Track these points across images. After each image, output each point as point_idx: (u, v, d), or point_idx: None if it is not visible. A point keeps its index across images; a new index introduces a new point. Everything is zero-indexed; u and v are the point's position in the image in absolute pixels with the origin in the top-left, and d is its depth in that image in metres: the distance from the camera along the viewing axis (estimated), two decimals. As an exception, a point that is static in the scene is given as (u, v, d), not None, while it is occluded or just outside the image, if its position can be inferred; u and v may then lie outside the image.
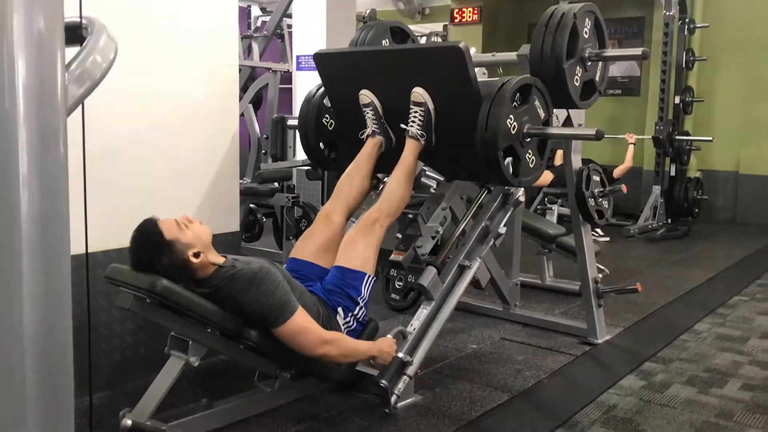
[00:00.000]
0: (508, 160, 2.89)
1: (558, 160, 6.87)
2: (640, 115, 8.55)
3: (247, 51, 7.27)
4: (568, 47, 3.04)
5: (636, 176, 8.05)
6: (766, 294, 4.90)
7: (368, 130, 3.16)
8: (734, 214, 8.25)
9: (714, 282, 5.25)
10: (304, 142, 3.58)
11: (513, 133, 2.84)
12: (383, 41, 3.64)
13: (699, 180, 7.97)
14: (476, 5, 9.47)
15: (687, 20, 7.78)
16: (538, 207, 6.61)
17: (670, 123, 7.43)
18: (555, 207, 6.25)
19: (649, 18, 8.55)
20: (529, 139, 2.93)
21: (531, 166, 2.98)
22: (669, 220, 7.58)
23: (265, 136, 6.64)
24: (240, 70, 5.26)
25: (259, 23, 8.19)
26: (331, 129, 3.53)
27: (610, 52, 3.25)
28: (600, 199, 3.67)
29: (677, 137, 7.53)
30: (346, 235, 2.92)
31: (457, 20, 9.65)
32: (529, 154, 2.96)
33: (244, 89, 6.69)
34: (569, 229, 4.17)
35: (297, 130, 3.95)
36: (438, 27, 10.62)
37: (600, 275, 3.75)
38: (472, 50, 3.80)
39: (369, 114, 3.13)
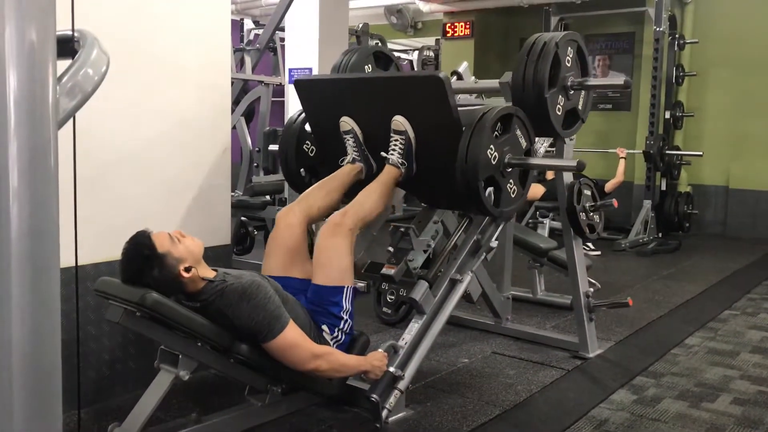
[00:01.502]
0: (489, 189, 2.88)
1: (549, 174, 6.90)
2: (631, 129, 8.60)
3: (240, 64, 7.29)
4: (550, 76, 3.04)
5: (627, 190, 8.08)
6: (756, 308, 4.92)
7: (348, 158, 3.13)
8: (724, 228, 8.30)
9: (705, 296, 5.27)
10: (284, 168, 3.55)
11: (494, 163, 2.83)
12: (366, 66, 3.63)
13: (689, 194, 8.01)
14: (468, 20, 9.54)
15: (677, 36, 7.85)
16: (530, 221, 6.63)
17: (660, 137, 7.47)
18: (546, 221, 6.26)
19: (640, 33, 8.63)
20: (510, 169, 2.92)
21: (512, 196, 2.98)
22: (660, 235, 7.60)
23: (256, 149, 6.65)
24: (232, 83, 5.27)
25: (251, 36, 8.23)
26: (312, 155, 3.51)
27: (592, 81, 3.24)
28: (591, 214, 3.68)
29: (668, 152, 7.57)
30: (315, 247, 2.83)
31: (449, 34, 9.71)
32: (510, 184, 2.95)
33: (236, 102, 6.70)
34: (561, 243, 4.18)
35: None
36: (430, 41, 10.68)
37: (591, 289, 3.76)
38: (463, 65, 3.84)
39: (349, 141, 3.12)
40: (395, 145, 2.97)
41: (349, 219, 2.79)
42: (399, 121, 2.94)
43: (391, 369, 2.75)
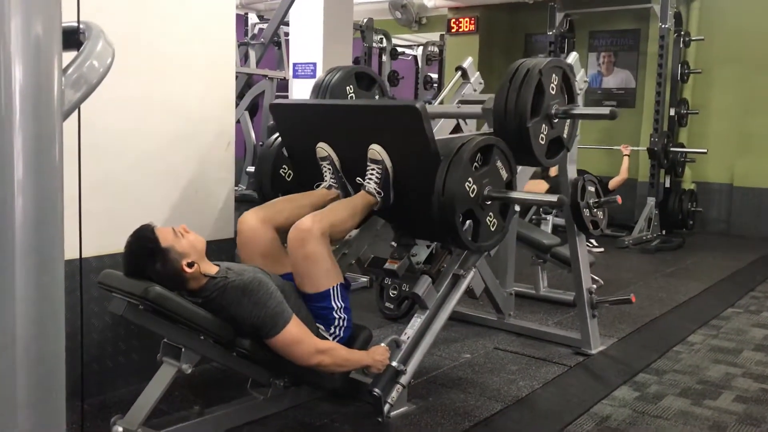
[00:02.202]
0: (468, 222, 2.81)
1: (553, 170, 6.89)
2: (635, 126, 8.58)
3: (244, 58, 7.28)
4: (533, 104, 2.92)
5: (631, 187, 8.07)
6: (759, 306, 4.91)
7: (325, 183, 3.07)
8: (728, 226, 8.28)
9: (708, 294, 5.26)
10: (259, 192, 3.50)
11: (472, 196, 2.76)
12: (348, 87, 3.58)
13: (693, 192, 8.00)
14: (473, 15, 9.52)
15: (682, 33, 7.83)
16: (533, 217, 6.62)
17: (664, 134, 7.46)
18: (550, 217, 6.26)
19: (645, 30, 8.61)
20: (489, 203, 2.85)
21: (492, 229, 2.90)
22: (663, 232, 7.60)
23: (260, 143, 6.65)
24: (237, 77, 5.27)
25: (256, 30, 8.23)
26: (288, 180, 3.47)
27: (577, 110, 3.12)
28: (595, 210, 3.68)
29: (672, 149, 7.56)
30: (290, 258, 2.71)
31: (453, 30, 9.70)
32: (490, 217, 2.88)
33: (240, 96, 6.70)
34: (564, 239, 4.18)
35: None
36: (435, 36, 10.66)
37: (594, 286, 3.75)
38: (468, 61, 3.83)
39: (326, 167, 3.06)
40: (372, 173, 2.90)
41: (318, 223, 2.65)
42: (376, 150, 2.87)
43: (394, 363, 2.76)
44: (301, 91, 5.73)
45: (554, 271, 5.01)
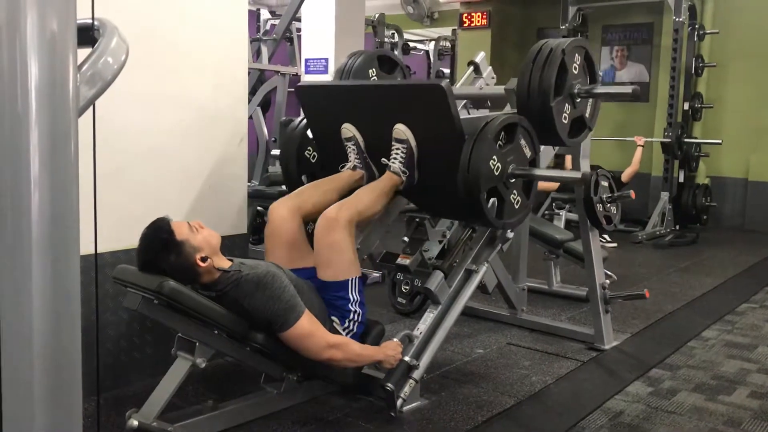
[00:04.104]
0: (492, 200, 2.83)
1: (567, 165, 6.87)
2: (649, 121, 8.52)
3: (256, 54, 7.29)
4: (556, 83, 2.95)
5: (644, 182, 8.02)
6: (774, 301, 4.88)
7: (350, 164, 3.10)
8: (743, 221, 8.21)
9: (722, 289, 5.23)
10: (285, 174, 3.51)
11: (496, 174, 2.78)
12: (370, 70, 3.60)
13: (707, 187, 7.93)
14: (485, 10, 9.48)
15: (697, 26, 7.76)
16: (546, 212, 6.60)
17: (678, 126, 7.39)
18: (563, 212, 6.24)
19: (659, 24, 8.53)
20: (513, 180, 2.88)
21: (516, 207, 2.93)
22: (677, 227, 7.54)
23: (273, 139, 6.66)
24: (249, 72, 5.28)
25: (268, 26, 8.23)
26: (313, 161, 3.48)
27: (600, 89, 3.14)
28: (608, 205, 3.66)
29: (686, 140, 7.49)
30: (315, 244, 2.76)
31: (466, 24, 9.65)
32: (514, 195, 2.91)
33: (252, 92, 6.70)
34: (577, 234, 4.16)
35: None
36: (447, 31, 10.64)
37: (607, 281, 3.74)
38: (480, 55, 3.82)
39: (351, 148, 3.08)
40: (396, 153, 2.93)
41: (345, 212, 2.73)
42: (400, 130, 2.90)
43: (406, 358, 2.76)
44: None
45: (567, 267, 4.99)
